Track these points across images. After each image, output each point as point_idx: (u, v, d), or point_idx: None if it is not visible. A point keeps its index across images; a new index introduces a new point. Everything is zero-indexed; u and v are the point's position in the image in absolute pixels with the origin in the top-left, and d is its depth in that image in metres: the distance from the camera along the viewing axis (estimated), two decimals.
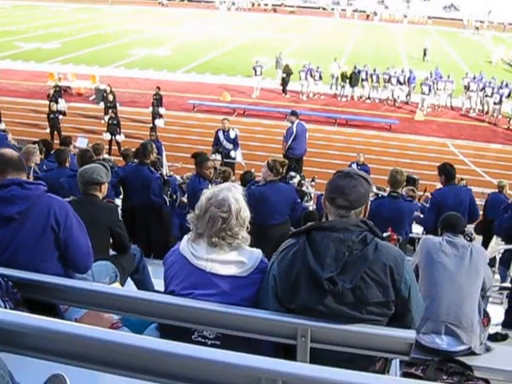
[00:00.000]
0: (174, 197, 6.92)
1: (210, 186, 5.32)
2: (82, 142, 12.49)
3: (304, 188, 10.46)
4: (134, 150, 7.72)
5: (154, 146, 7.11)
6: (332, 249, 2.13)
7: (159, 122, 16.55)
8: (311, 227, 2.25)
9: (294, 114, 12.08)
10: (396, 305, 2.17)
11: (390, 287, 2.13)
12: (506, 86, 20.70)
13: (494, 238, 7.21)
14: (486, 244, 8.18)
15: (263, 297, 2.31)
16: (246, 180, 6.87)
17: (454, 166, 6.65)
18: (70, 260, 2.86)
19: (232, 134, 12.30)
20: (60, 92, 17.08)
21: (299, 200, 6.29)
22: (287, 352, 2.31)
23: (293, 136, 11.64)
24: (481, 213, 9.52)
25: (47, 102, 15.98)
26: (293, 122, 11.75)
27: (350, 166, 11.62)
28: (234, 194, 2.32)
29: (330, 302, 2.12)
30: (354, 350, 2.18)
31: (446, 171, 6.53)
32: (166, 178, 6.94)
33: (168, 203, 6.81)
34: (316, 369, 1.54)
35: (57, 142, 12.49)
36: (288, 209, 6.07)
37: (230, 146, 12.31)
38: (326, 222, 2.25)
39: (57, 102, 15.79)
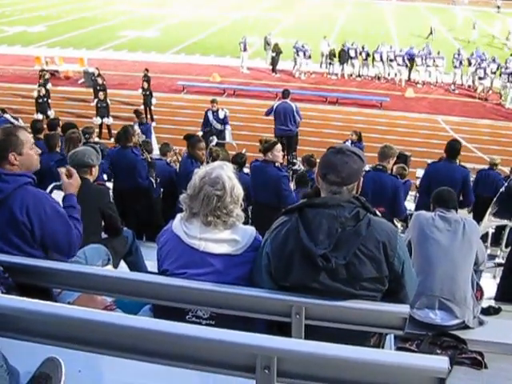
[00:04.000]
0: (158, 180, 6.89)
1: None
2: None
3: (296, 167, 10.48)
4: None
5: (135, 128, 7.07)
6: (325, 225, 2.12)
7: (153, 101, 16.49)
8: (304, 204, 2.23)
9: (282, 92, 12.06)
10: (390, 280, 2.18)
11: (383, 262, 2.13)
12: (494, 61, 20.69)
13: (487, 214, 7.24)
14: (476, 219, 8.22)
15: (257, 275, 2.31)
16: (237, 162, 6.84)
17: (459, 144, 6.59)
18: (51, 250, 2.79)
19: (221, 114, 12.30)
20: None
21: (287, 193, 6.03)
22: (282, 330, 2.32)
23: (272, 114, 11.70)
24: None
25: (34, 87, 15.83)
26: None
27: (344, 142, 11.65)
28: (226, 171, 2.31)
29: (324, 279, 2.12)
30: (349, 326, 2.18)
31: (449, 147, 6.52)
32: (150, 160, 6.88)
33: (155, 185, 6.79)
34: (311, 345, 1.54)
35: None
36: (272, 193, 5.98)
37: (219, 126, 12.30)
38: (319, 199, 2.24)
39: (45, 87, 15.64)
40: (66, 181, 3.07)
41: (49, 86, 16.19)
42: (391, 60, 21.67)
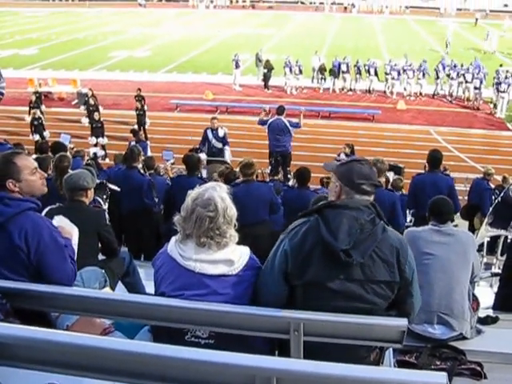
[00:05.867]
0: (157, 200, 6.90)
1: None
2: (65, 139, 12.68)
3: (290, 182, 10.49)
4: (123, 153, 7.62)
5: (140, 148, 7.10)
6: (345, 225, 2.21)
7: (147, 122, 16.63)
8: (324, 205, 2.32)
9: (277, 109, 12.14)
10: (399, 287, 2.26)
11: (395, 267, 2.23)
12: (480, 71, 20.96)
13: (484, 224, 7.28)
14: (471, 229, 8.26)
15: (267, 276, 2.34)
16: (230, 180, 6.87)
17: (440, 154, 6.66)
18: (45, 282, 2.71)
19: (221, 133, 12.27)
20: (41, 98, 16.95)
21: (278, 201, 6.27)
22: (282, 346, 2.33)
23: (266, 131, 11.80)
24: (466, 198, 9.66)
25: (28, 109, 15.87)
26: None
27: (338, 155, 11.71)
28: (219, 192, 2.31)
29: (340, 278, 2.19)
30: (347, 341, 2.19)
31: (430, 157, 6.61)
32: (152, 181, 6.90)
33: (157, 205, 6.80)
34: (309, 364, 1.54)
35: None
36: (264, 209, 6.14)
37: (219, 144, 12.27)
38: (339, 201, 2.33)
39: (39, 109, 15.70)
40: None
41: (43, 107, 16.27)
42: (386, 73, 21.87)
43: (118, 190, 6.31)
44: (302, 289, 2.26)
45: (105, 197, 6.13)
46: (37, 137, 14.84)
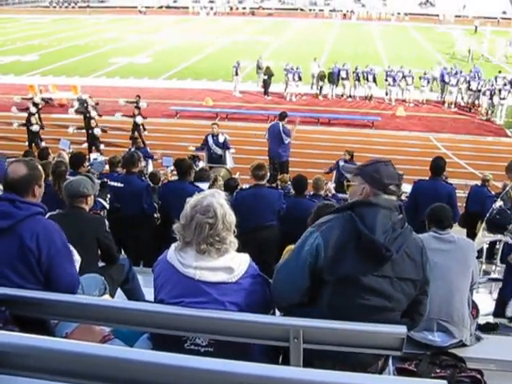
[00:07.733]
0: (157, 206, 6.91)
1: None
2: (64, 144, 12.66)
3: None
4: (120, 158, 7.61)
5: (140, 154, 7.11)
6: (380, 222, 2.26)
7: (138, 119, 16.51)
8: (357, 203, 2.35)
9: (279, 114, 12.23)
10: (420, 286, 2.35)
11: (420, 266, 2.32)
12: (479, 77, 21.03)
13: (481, 229, 7.26)
14: (470, 237, 8.23)
15: (291, 269, 2.36)
16: (230, 186, 6.86)
17: (443, 161, 6.64)
18: (52, 286, 2.77)
19: (221, 139, 12.32)
20: (37, 106, 16.95)
21: (285, 204, 6.28)
22: (284, 353, 2.32)
23: (266, 138, 11.91)
24: (463, 205, 9.65)
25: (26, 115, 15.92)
26: None
27: (337, 162, 11.73)
28: (218, 199, 2.32)
29: (372, 275, 2.24)
30: (347, 348, 2.18)
31: (432, 164, 6.59)
32: (152, 185, 6.91)
33: (157, 212, 6.80)
34: (307, 372, 1.54)
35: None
36: (272, 213, 6.14)
37: (218, 150, 12.32)
38: (373, 199, 2.35)
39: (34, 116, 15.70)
40: None
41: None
42: (386, 80, 21.92)
43: (121, 185, 6.35)
44: (333, 284, 2.28)
45: (109, 196, 6.19)
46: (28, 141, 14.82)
